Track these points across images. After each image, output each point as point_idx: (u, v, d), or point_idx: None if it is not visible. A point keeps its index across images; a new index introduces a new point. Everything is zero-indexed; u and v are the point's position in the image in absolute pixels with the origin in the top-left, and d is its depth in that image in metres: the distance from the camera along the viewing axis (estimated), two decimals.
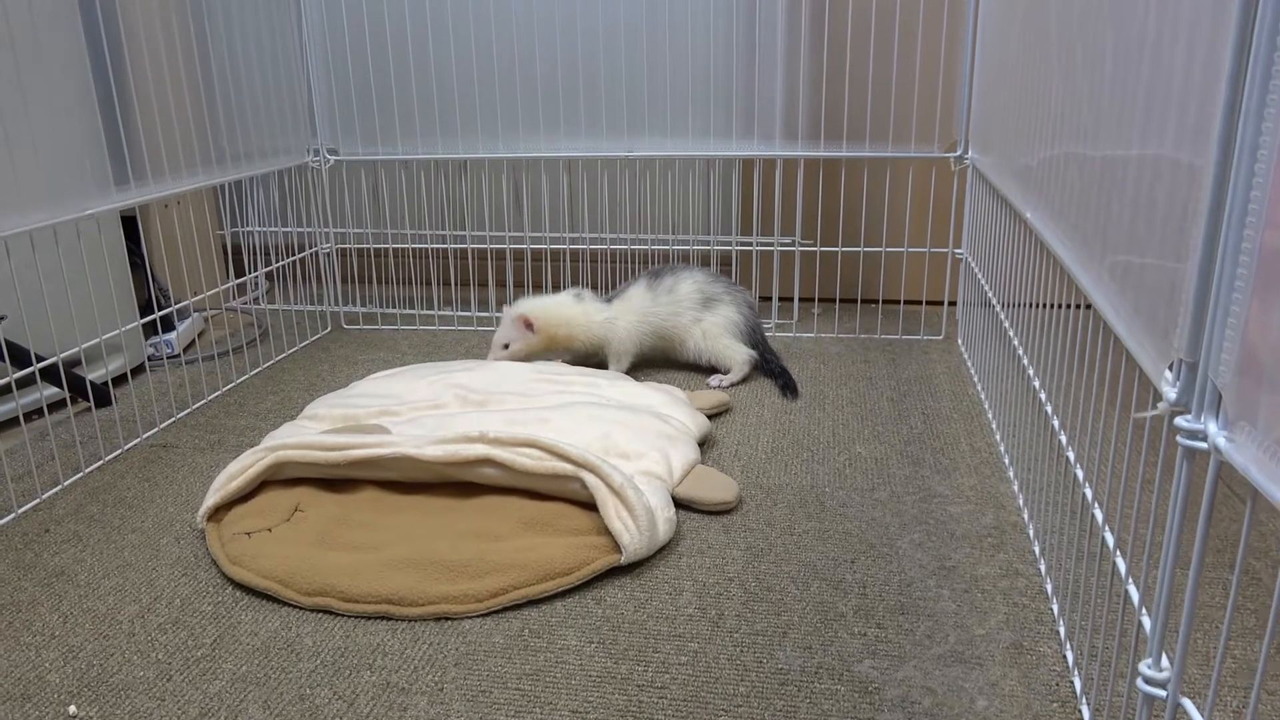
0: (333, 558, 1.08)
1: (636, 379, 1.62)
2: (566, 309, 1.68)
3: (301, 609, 1.02)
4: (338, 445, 1.22)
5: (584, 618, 0.99)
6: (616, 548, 1.08)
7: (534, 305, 1.68)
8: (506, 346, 1.67)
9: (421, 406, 1.44)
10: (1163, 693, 0.62)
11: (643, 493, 1.12)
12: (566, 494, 1.17)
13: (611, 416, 1.34)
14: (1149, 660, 0.63)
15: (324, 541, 1.11)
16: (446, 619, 1.00)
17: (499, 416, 1.36)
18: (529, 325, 1.65)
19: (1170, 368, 0.61)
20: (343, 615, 1.01)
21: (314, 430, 1.36)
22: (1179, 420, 0.58)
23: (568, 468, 1.15)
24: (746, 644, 0.95)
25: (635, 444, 1.27)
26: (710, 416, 1.49)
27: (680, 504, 1.21)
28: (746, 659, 0.92)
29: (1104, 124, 0.82)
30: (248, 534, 1.13)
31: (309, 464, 1.22)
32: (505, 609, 1.01)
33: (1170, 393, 0.59)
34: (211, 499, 1.19)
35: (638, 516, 1.09)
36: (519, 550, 1.08)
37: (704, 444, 1.39)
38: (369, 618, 1.01)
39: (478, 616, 1.00)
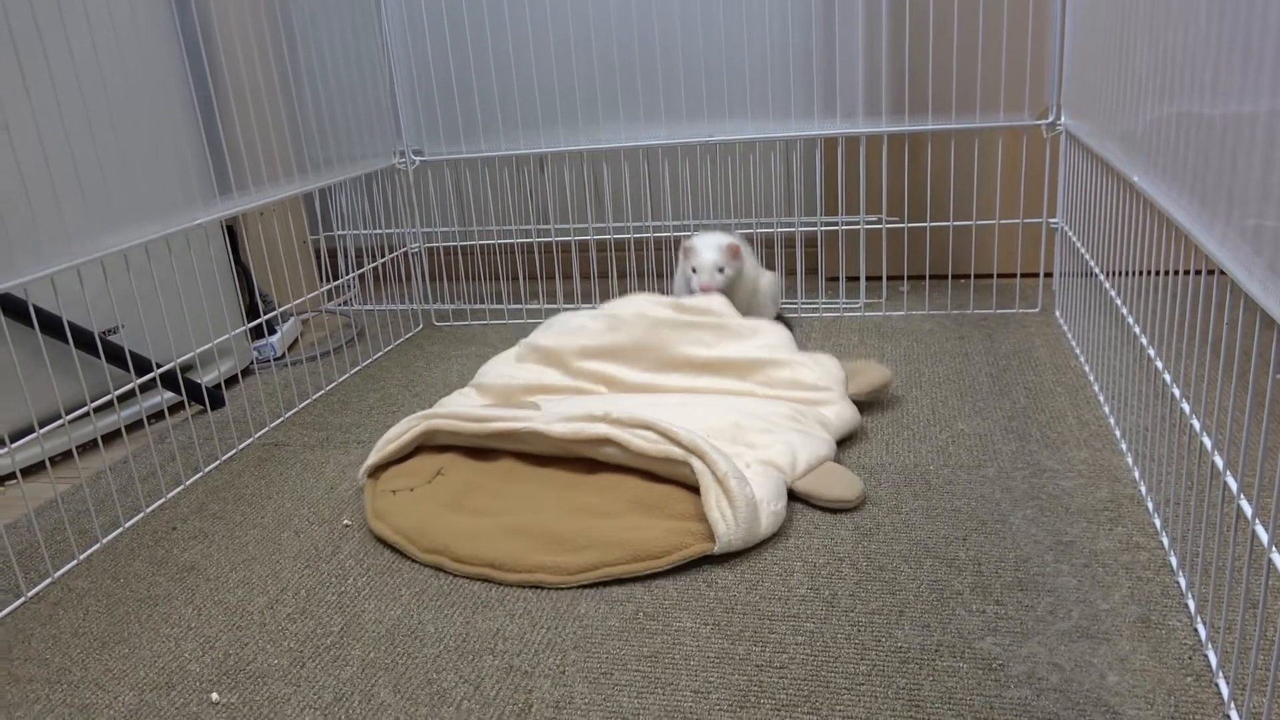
0: (456, 520, 1.15)
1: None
2: None
3: (419, 564, 1.12)
4: (483, 417, 1.29)
5: (696, 600, 1.00)
6: (713, 536, 1.08)
7: (722, 235, 1.67)
8: (722, 270, 1.63)
9: (577, 387, 1.50)
10: None
11: (748, 483, 1.11)
12: (679, 477, 1.17)
13: (747, 408, 1.32)
14: None
15: (454, 505, 1.19)
16: (540, 588, 1.05)
17: (639, 399, 1.39)
18: (736, 253, 1.65)
19: None
20: (452, 574, 1.09)
21: (476, 402, 1.47)
22: None
23: (678, 452, 1.15)
24: (863, 623, 0.94)
25: (764, 436, 1.25)
26: (868, 402, 1.45)
27: (799, 498, 1.19)
28: (864, 638, 0.92)
29: (1226, 77, 0.79)
30: (393, 492, 1.24)
31: (456, 433, 1.30)
32: (607, 588, 1.02)
33: None
34: (371, 458, 1.31)
35: (737, 507, 1.08)
36: (622, 529, 1.10)
37: (846, 440, 1.35)
38: (472, 579, 1.08)
39: (569, 589, 1.04)
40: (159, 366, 1.42)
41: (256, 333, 1.90)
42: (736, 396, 1.38)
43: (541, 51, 1.95)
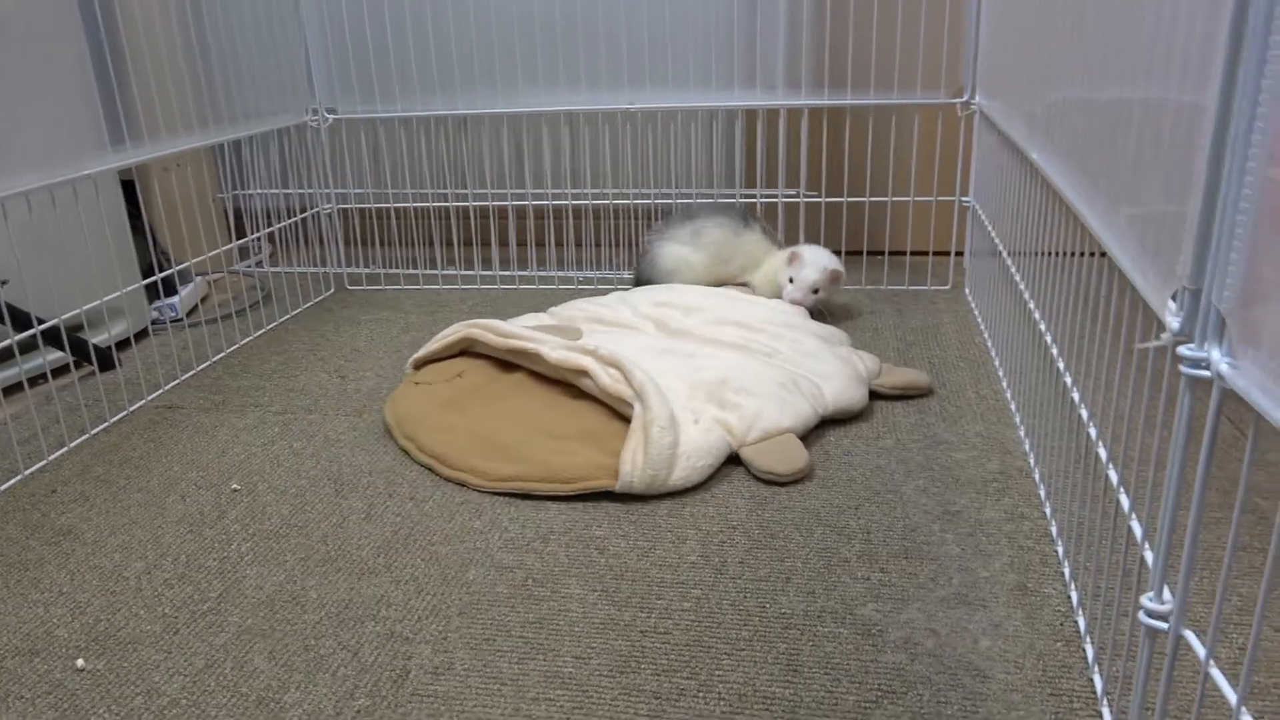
0: (439, 416, 1.28)
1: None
2: None
3: (400, 450, 1.27)
4: (508, 334, 1.38)
5: (587, 567, 1.00)
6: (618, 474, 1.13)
7: (831, 256, 1.69)
8: (816, 291, 1.66)
9: (626, 322, 1.56)
10: (1164, 625, 0.61)
11: (674, 432, 1.15)
12: (630, 416, 1.21)
13: (744, 367, 1.32)
14: (1150, 594, 0.62)
15: (448, 403, 1.31)
16: (464, 486, 1.17)
17: (661, 341, 1.43)
18: (837, 279, 1.67)
19: (1174, 297, 0.59)
20: (413, 459, 1.24)
21: (540, 323, 1.55)
22: (1181, 349, 0.56)
23: (629, 392, 1.21)
24: (749, 590, 0.95)
25: (740, 396, 1.25)
26: (897, 396, 1.39)
27: (743, 463, 1.19)
28: (749, 604, 0.92)
29: (1112, 62, 0.80)
30: (416, 384, 1.39)
31: (485, 343, 1.41)
32: (497, 555, 1.01)
33: (1174, 322, 0.58)
34: (419, 352, 1.46)
35: (650, 454, 1.12)
36: (551, 451, 1.18)
37: (842, 419, 1.31)
38: (422, 465, 1.22)
39: (486, 493, 1.15)
40: (41, 323, 1.36)
41: (157, 293, 1.83)
42: (746, 353, 1.39)
43: (460, 9, 1.90)
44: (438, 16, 1.91)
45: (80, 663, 0.88)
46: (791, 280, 1.67)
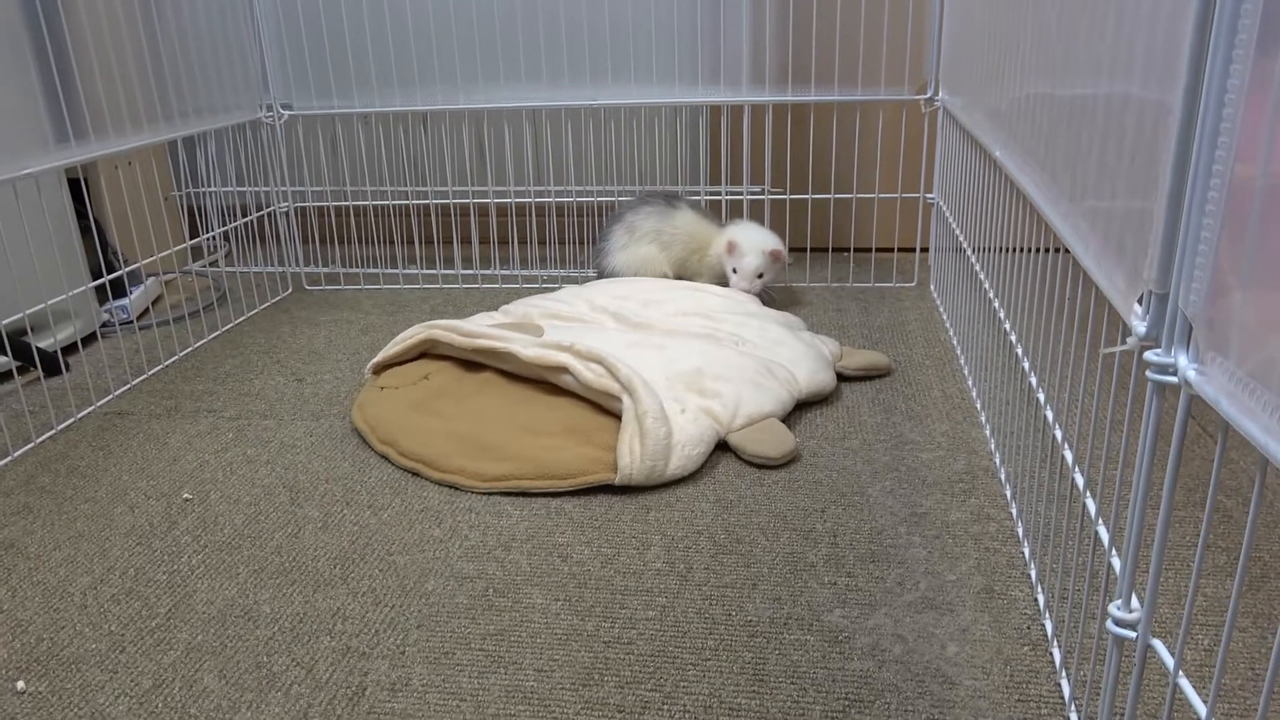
0: (415, 419, 1.25)
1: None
2: None
3: (373, 452, 1.25)
4: (474, 333, 1.35)
5: (550, 575, 0.97)
6: (616, 467, 1.14)
7: (767, 236, 1.68)
8: (761, 276, 1.67)
9: (583, 317, 1.53)
10: (1132, 634, 0.60)
11: (667, 423, 1.15)
12: (616, 410, 1.21)
13: (717, 355, 1.33)
14: (1118, 601, 0.61)
15: (419, 406, 1.29)
16: (455, 488, 1.15)
17: (626, 335, 1.41)
18: (778, 258, 1.67)
19: (1140, 301, 0.58)
20: (395, 465, 1.21)
21: (495, 321, 1.51)
22: (1148, 354, 0.55)
23: (615, 387, 1.20)
24: (715, 597, 0.93)
25: (718, 384, 1.27)
26: (860, 378, 1.44)
27: (731, 449, 1.21)
28: (715, 612, 0.91)
29: (1073, 58, 0.79)
30: (381, 388, 1.35)
31: (449, 344, 1.37)
32: (457, 564, 0.99)
33: (1140, 326, 0.57)
34: (377, 357, 1.43)
35: (647, 446, 1.13)
36: (541, 448, 1.17)
37: (814, 401, 1.35)
38: (407, 471, 1.20)
39: (480, 493, 1.14)
40: None
41: (109, 295, 1.78)
42: (713, 341, 1.40)
43: (418, 4, 1.86)
44: (395, 10, 1.87)
45: (20, 685, 0.84)
46: (735, 271, 1.68)
